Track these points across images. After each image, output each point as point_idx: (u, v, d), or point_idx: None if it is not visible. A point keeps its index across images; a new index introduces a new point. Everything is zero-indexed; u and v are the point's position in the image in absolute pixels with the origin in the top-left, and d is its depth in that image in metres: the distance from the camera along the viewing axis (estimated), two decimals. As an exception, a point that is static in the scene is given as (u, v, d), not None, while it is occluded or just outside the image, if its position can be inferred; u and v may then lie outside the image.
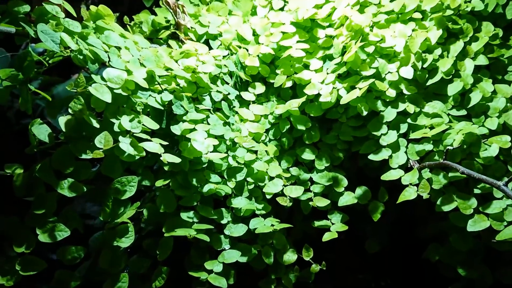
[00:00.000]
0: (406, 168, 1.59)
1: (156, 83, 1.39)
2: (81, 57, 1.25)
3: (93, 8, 1.40)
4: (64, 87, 2.36)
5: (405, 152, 1.57)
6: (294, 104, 1.62)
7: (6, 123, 1.89)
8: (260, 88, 1.72)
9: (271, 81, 1.72)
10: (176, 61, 1.57)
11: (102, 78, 1.27)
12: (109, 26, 1.38)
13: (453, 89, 1.57)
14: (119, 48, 1.37)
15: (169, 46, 1.66)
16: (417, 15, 1.63)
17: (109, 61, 1.30)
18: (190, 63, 1.50)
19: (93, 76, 1.26)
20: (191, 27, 1.70)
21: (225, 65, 1.65)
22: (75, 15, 1.32)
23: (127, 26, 1.65)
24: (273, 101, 1.73)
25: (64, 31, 1.25)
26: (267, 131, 1.68)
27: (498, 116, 1.54)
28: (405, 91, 1.60)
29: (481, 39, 1.60)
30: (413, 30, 1.62)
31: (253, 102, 1.70)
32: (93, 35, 1.31)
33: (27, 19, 1.23)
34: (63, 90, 1.85)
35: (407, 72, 1.57)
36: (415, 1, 1.63)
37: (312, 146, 1.69)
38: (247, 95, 1.70)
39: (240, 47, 1.72)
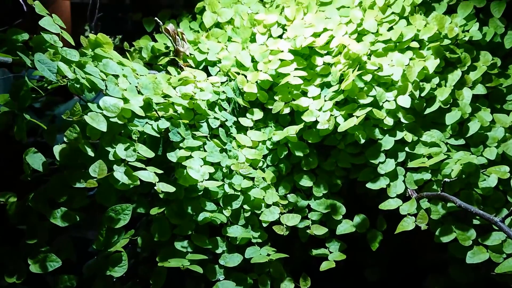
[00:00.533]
0: (404, 197, 1.55)
1: (153, 110, 1.38)
2: (78, 85, 1.24)
3: (92, 36, 1.40)
4: (66, 107, 2.36)
5: (403, 181, 1.53)
6: (291, 132, 1.60)
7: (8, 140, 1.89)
8: (258, 114, 1.70)
9: (270, 107, 1.69)
10: (174, 88, 1.56)
11: (99, 107, 1.26)
12: (107, 54, 1.37)
13: (451, 118, 1.54)
14: (116, 76, 1.35)
15: (168, 72, 1.65)
16: (415, 44, 1.60)
17: (106, 89, 1.28)
18: (188, 90, 1.49)
19: (89, 104, 1.24)
20: (190, 54, 1.69)
21: (223, 91, 1.63)
22: (73, 43, 1.31)
23: (127, 52, 1.65)
24: (271, 126, 1.71)
25: (61, 60, 1.22)
26: (264, 156, 1.65)
27: (497, 146, 1.50)
28: (402, 120, 1.56)
29: (479, 68, 1.57)
30: (410, 59, 1.58)
31: (251, 128, 1.69)
32: (91, 64, 1.30)
33: (25, 47, 1.23)
34: (65, 110, 1.85)
35: (405, 101, 1.53)
36: (413, 30, 1.60)
37: (310, 172, 1.66)
38: (245, 121, 1.68)
39: (238, 74, 1.70)
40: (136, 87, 1.39)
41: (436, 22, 1.58)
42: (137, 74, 1.44)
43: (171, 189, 1.27)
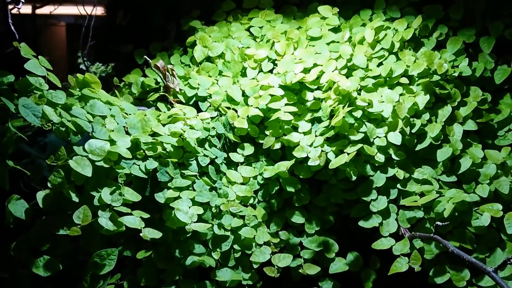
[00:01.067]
0: (397, 235, 1.51)
1: (141, 150, 1.35)
2: (63, 129, 1.21)
3: (80, 76, 1.37)
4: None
5: (396, 219, 1.48)
6: (282, 168, 1.57)
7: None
8: (249, 149, 1.66)
9: (261, 141, 1.66)
10: (164, 125, 1.53)
11: (84, 150, 1.23)
12: (95, 94, 1.33)
13: (442, 155, 1.49)
14: (104, 117, 1.33)
15: (157, 108, 1.62)
16: (404, 80, 1.56)
17: (93, 131, 1.25)
18: (177, 129, 1.46)
19: (74, 148, 1.20)
20: (180, 89, 1.67)
21: (213, 127, 1.61)
22: (59, 85, 1.29)
23: (116, 90, 1.63)
24: (262, 161, 1.67)
25: (47, 103, 1.18)
26: (255, 192, 1.61)
27: (489, 183, 1.46)
28: (394, 156, 1.51)
29: (470, 104, 1.54)
30: (400, 95, 1.55)
31: (242, 163, 1.66)
32: (77, 105, 1.27)
33: (9, 91, 1.20)
34: (56, 138, 1.81)
35: (395, 138, 1.49)
36: (402, 66, 1.56)
37: (302, 208, 1.61)
38: (236, 157, 1.64)
39: (229, 108, 1.68)
40: (124, 127, 1.36)
41: (425, 58, 1.56)
42: (125, 113, 1.41)
43: (157, 235, 1.23)
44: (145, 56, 1.62)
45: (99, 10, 2.35)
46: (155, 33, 2.09)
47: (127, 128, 1.37)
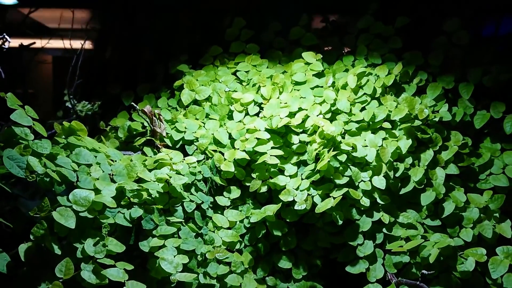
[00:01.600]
0: (384, 281, 1.49)
1: (126, 197, 1.34)
2: (48, 179, 1.20)
3: (66, 123, 1.38)
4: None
5: (383, 264, 1.47)
6: (269, 212, 1.57)
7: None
8: (235, 192, 1.64)
9: (247, 184, 1.67)
10: (150, 170, 1.53)
11: (68, 200, 1.22)
12: (80, 142, 1.33)
13: (426, 199, 1.49)
14: (89, 165, 1.33)
15: (143, 153, 1.63)
16: (387, 125, 1.58)
17: (77, 180, 1.25)
18: (163, 174, 1.46)
19: (58, 198, 1.18)
20: (167, 133, 1.68)
21: (199, 171, 1.62)
22: (45, 135, 1.28)
23: (102, 137, 1.63)
24: (249, 203, 1.67)
25: (32, 153, 1.16)
26: (242, 236, 1.57)
27: (472, 227, 1.46)
28: (379, 200, 1.51)
29: (451, 148, 1.55)
30: (383, 139, 1.56)
31: (228, 206, 1.66)
32: (62, 154, 1.27)
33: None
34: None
35: (380, 182, 1.49)
36: (384, 111, 1.58)
37: (289, 252, 1.59)
38: (222, 200, 1.63)
39: (216, 151, 1.70)
40: (110, 174, 1.35)
41: (406, 104, 1.58)
42: (111, 160, 1.41)
43: (141, 287, 1.20)
44: (132, 103, 1.63)
45: (87, 44, 2.38)
46: (143, 74, 2.12)
47: (112, 175, 1.36)
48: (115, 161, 1.42)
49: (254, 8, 2.04)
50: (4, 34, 2.35)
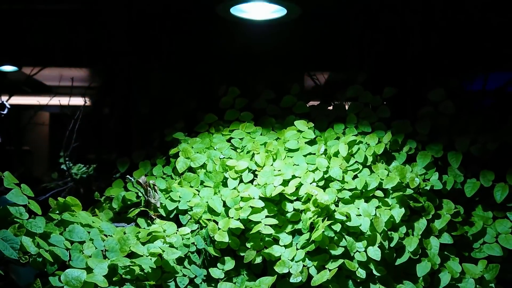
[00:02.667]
0: None
1: (119, 274, 1.32)
2: (40, 259, 1.19)
3: (60, 199, 1.38)
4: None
5: None
6: (264, 286, 1.54)
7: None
8: (229, 263, 1.59)
9: (242, 254, 1.65)
10: (143, 244, 1.52)
11: (60, 280, 1.19)
12: (74, 218, 1.33)
13: (421, 270, 1.47)
14: (82, 242, 1.33)
15: (137, 224, 1.62)
16: (379, 193, 1.58)
17: (70, 260, 1.24)
18: (156, 248, 1.43)
19: (50, 279, 1.15)
20: (161, 203, 1.69)
21: (193, 243, 1.60)
22: (40, 213, 1.29)
23: (96, 210, 1.63)
24: (243, 275, 1.65)
25: (26, 233, 1.15)
26: (237, 309, 1.57)
27: None
28: (374, 272, 1.49)
29: (444, 217, 1.55)
30: (377, 208, 1.56)
31: (222, 279, 1.63)
32: (56, 232, 1.26)
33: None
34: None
35: (375, 253, 1.48)
36: (376, 179, 1.60)
37: (285, 328, 1.57)
38: (216, 272, 1.58)
39: (210, 220, 1.68)
40: (103, 250, 1.34)
41: (397, 173, 1.61)
42: (104, 235, 1.40)
43: None
44: (127, 176, 1.65)
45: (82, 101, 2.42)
46: (139, 141, 2.15)
47: (105, 251, 1.35)
48: (108, 236, 1.41)
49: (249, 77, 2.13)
50: (3, 100, 2.41)
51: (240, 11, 1.90)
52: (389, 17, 2.17)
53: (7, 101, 2.50)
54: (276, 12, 1.91)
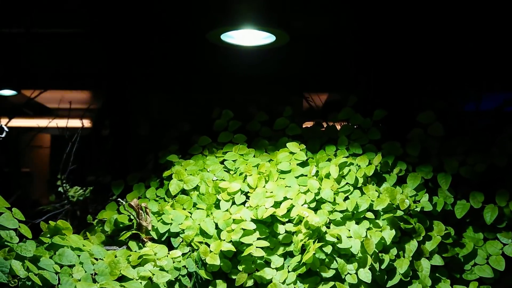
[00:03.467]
0: None
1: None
2: (29, 283, 1.20)
3: (52, 223, 1.40)
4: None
5: None
6: (255, 310, 1.54)
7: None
8: (220, 286, 1.57)
9: (233, 277, 1.65)
10: (134, 267, 1.52)
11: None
12: (64, 242, 1.34)
13: None
14: (72, 266, 1.33)
15: (128, 247, 1.63)
16: (370, 215, 1.59)
17: (59, 283, 1.24)
18: (146, 272, 1.44)
19: None
20: (153, 226, 1.69)
21: (184, 266, 1.61)
22: (30, 237, 1.31)
23: (87, 234, 1.64)
24: (235, 298, 1.65)
25: (16, 257, 1.16)
26: (228, 334, 1.56)
27: None
28: None
29: (434, 238, 1.55)
30: (368, 229, 1.57)
31: (213, 302, 1.62)
32: (46, 256, 1.27)
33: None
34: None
35: (366, 276, 1.47)
36: (367, 201, 1.61)
37: None
38: None
39: (202, 243, 1.70)
40: (92, 274, 1.35)
41: (388, 194, 1.63)
42: (94, 258, 1.41)
43: None
44: (119, 199, 1.66)
45: (85, 123, 2.46)
46: (134, 163, 2.18)
47: (95, 275, 1.35)
48: (99, 259, 1.42)
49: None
50: (2, 124, 2.45)
51: (230, 37, 1.95)
52: (380, 40, 2.22)
53: (6, 124, 2.54)
54: (266, 38, 1.96)
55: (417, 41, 2.15)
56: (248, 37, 1.97)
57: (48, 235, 1.38)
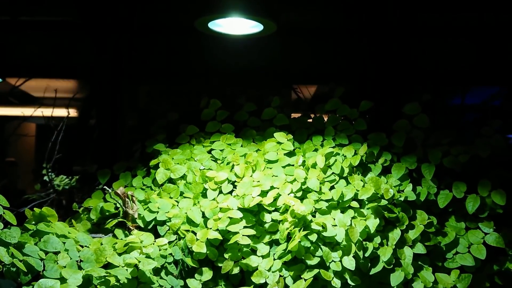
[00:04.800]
0: None
1: (93, 285, 1.32)
2: (14, 269, 1.19)
3: (37, 210, 1.39)
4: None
5: None
6: (241, 296, 1.56)
7: None
8: (207, 273, 1.60)
9: (219, 264, 1.66)
10: (120, 254, 1.53)
11: (32, 290, 1.19)
12: (49, 229, 1.34)
13: (395, 279, 1.49)
14: (57, 253, 1.33)
15: (114, 235, 1.63)
16: (355, 204, 1.61)
17: (44, 270, 1.24)
18: (132, 259, 1.44)
19: None
20: (139, 214, 1.70)
21: (170, 254, 1.62)
22: (15, 223, 1.29)
23: (73, 221, 1.63)
24: (221, 285, 1.66)
25: (0, 243, 1.16)
26: (214, 320, 1.57)
27: None
28: (349, 282, 1.51)
29: (417, 227, 1.58)
30: (352, 218, 1.59)
31: (200, 289, 1.63)
32: (30, 242, 1.27)
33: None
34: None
35: (350, 263, 1.50)
36: (352, 190, 1.62)
37: None
38: (193, 283, 1.58)
39: (188, 231, 1.70)
40: (78, 261, 1.35)
41: (372, 184, 1.66)
42: (80, 245, 1.41)
43: None
44: (105, 187, 1.66)
45: (71, 112, 2.43)
46: (121, 152, 2.17)
47: (80, 261, 1.35)
48: (84, 246, 1.42)
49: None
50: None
51: (218, 25, 1.94)
52: (368, 33, 2.24)
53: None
54: (254, 27, 1.96)
55: (405, 34, 2.17)
56: (235, 25, 1.97)
57: (33, 222, 1.38)
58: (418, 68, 2.14)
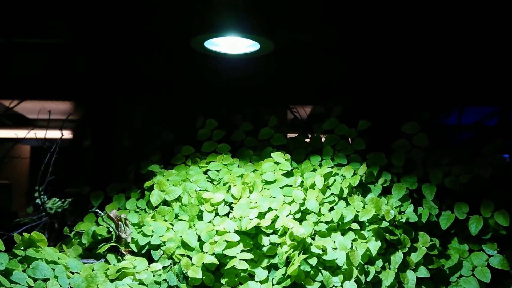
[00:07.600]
0: None
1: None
2: (-2, 298, 1.13)
3: (26, 234, 1.34)
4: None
5: None
6: (238, 326, 1.49)
7: None
8: None
9: (216, 291, 1.62)
10: (112, 281, 1.47)
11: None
12: (39, 255, 1.28)
13: None
14: (46, 280, 1.27)
15: (107, 260, 1.57)
16: (356, 226, 1.57)
17: (30, 299, 1.18)
18: (125, 286, 1.36)
19: None
20: (133, 238, 1.64)
21: (165, 279, 1.55)
22: (3, 249, 1.24)
23: (64, 246, 1.58)
24: (218, 314, 1.60)
25: None
26: None
27: None
28: None
29: (420, 250, 1.53)
30: (353, 241, 1.54)
31: (195, 318, 1.56)
32: (19, 269, 1.21)
33: None
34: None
35: None
36: (352, 212, 1.59)
37: None
38: None
39: (183, 255, 1.65)
40: (67, 288, 1.29)
41: (373, 205, 1.62)
42: (70, 272, 1.35)
43: None
44: (97, 210, 1.61)
45: (65, 134, 2.40)
46: (114, 173, 2.13)
47: (70, 289, 1.29)
48: (75, 273, 1.36)
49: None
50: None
51: (214, 44, 1.94)
52: (365, 52, 2.24)
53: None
54: (251, 47, 1.96)
55: (403, 54, 2.17)
56: (232, 45, 1.96)
57: (22, 248, 1.32)
58: (416, 84, 2.13)
